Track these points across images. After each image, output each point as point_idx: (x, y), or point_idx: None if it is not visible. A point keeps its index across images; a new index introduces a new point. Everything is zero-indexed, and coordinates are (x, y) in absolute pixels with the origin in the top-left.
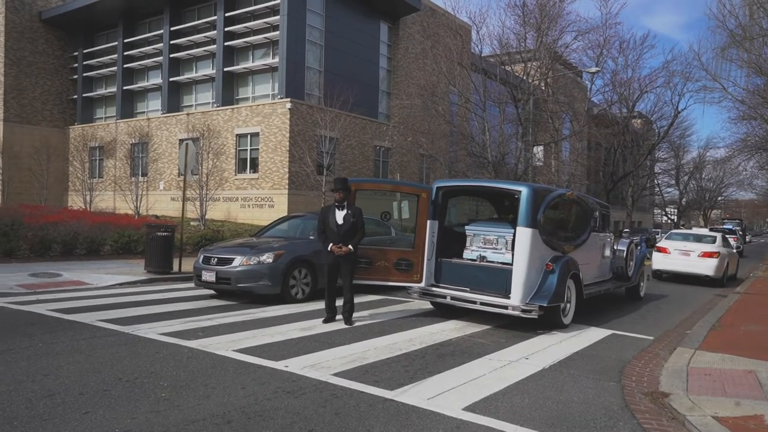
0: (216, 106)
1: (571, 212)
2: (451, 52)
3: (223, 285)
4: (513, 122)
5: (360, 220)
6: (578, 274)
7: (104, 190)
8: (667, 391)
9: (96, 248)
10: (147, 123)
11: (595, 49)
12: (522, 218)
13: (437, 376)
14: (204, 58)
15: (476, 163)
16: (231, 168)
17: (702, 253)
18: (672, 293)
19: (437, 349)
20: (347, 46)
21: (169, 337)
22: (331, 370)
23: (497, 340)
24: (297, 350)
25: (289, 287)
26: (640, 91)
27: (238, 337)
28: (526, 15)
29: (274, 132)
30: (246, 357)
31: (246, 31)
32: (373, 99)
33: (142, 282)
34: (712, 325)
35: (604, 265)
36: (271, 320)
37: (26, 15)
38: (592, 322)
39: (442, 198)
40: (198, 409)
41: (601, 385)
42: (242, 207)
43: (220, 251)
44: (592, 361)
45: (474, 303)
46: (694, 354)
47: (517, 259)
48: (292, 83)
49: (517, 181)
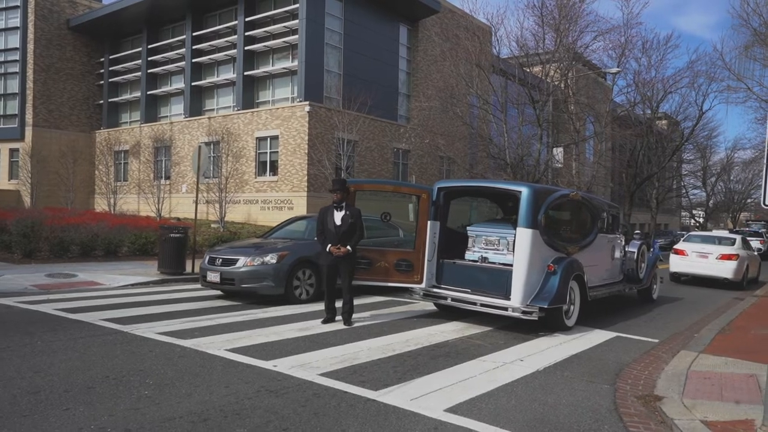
0: (237, 110)
1: (576, 213)
2: (470, 53)
3: (227, 285)
4: (532, 124)
5: (359, 221)
6: (582, 275)
7: (129, 192)
8: (661, 395)
9: (114, 250)
10: (170, 127)
11: (617, 49)
12: (522, 219)
13: (426, 377)
14: (225, 63)
15: (495, 165)
16: (251, 171)
17: (720, 256)
18: (687, 296)
19: (432, 350)
20: (366, 49)
21: (166, 336)
22: (319, 370)
23: (495, 341)
24: (290, 350)
25: (293, 288)
26: (663, 91)
27: (234, 336)
28: (544, 15)
29: (293, 135)
30: (237, 356)
31: (266, 36)
32: (393, 101)
33: (154, 283)
34: (721, 328)
35: (614, 266)
36: (271, 320)
37: (54, 23)
38: (597, 324)
39: (443, 199)
40: (177, 407)
41: (593, 387)
42: (262, 209)
43: (225, 252)
44: (590, 364)
45: (474, 304)
46: (697, 357)
47: (517, 260)
48: (311, 86)
49: (519, 182)
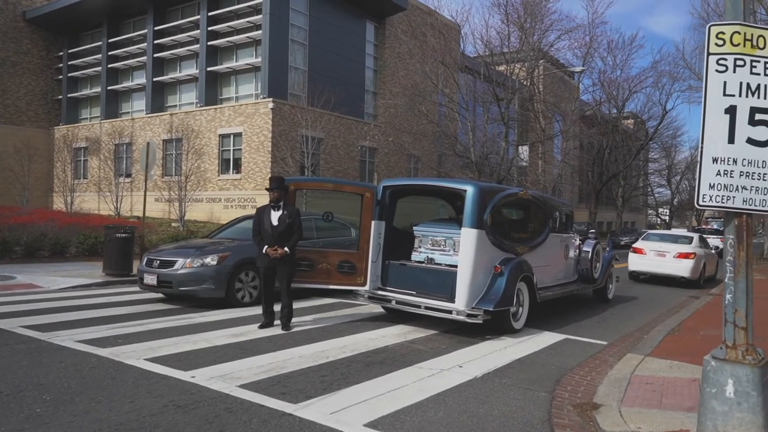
0: (199, 106)
1: (526, 212)
2: (436, 51)
3: (165, 288)
4: (498, 122)
5: (297, 220)
6: (531, 276)
7: (88, 191)
8: (599, 402)
9: (61, 250)
10: (131, 123)
11: (582, 48)
12: (467, 218)
13: (354, 387)
14: (188, 58)
15: (461, 163)
16: (214, 168)
17: (677, 254)
18: (643, 295)
19: (368, 356)
20: (332, 46)
21: (84, 345)
22: (240, 380)
23: (438, 346)
24: (215, 359)
25: (235, 290)
26: (629, 90)
27: (159, 344)
28: (509, 14)
29: (257, 132)
30: (155, 366)
31: (229, 31)
32: (359, 99)
33: (96, 285)
34: (671, 329)
35: (568, 266)
36: (206, 326)
37: (10, 15)
38: (548, 325)
39: (389, 198)
40: (68, 426)
41: (530, 395)
42: (225, 208)
43: (164, 253)
44: (531, 369)
45: (419, 307)
46: (642, 361)
47: (462, 261)
48: (275, 83)
49: (466, 180)
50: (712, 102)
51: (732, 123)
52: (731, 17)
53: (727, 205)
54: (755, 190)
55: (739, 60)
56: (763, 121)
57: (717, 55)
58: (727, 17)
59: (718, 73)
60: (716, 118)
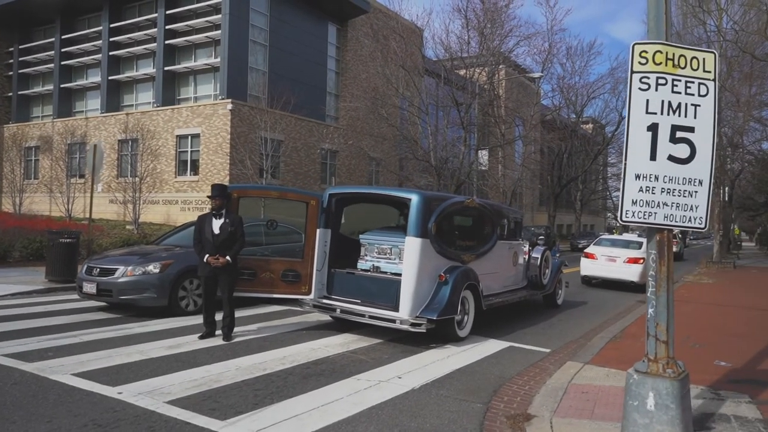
0: (156, 106)
1: (473, 220)
2: (397, 55)
3: (105, 297)
4: (458, 126)
5: (239, 229)
6: (476, 284)
7: (39, 192)
8: (533, 413)
9: (3, 255)
10: (85, 122)
11: (541, 54)
12: (411, 227)
13: (287, 401)
14: (145, 57)
15: (421, 167)
16: (171, 170)
17: (627, 259)
18: (593, 300)
19: (307, 368)
20: (293, 47)
21: (10, 359)
22: (169, 396)
23: (380, 356)
24: (147, 372)
25: (179, 299)
26: (587, 96)
27: (91, 357)
28: (470, 19)
29: (215, 133)
30: (81, 382)
31: (188, 30)
32: (321, 101)
33: (37, 292)
34: (614, 335)
35: (517, 273)
36: (144, 336)
37: None
38: (494, 333)
39: (335, 205)
40: None
41: (465, 407)
42: (182, 210)
43: (105, 261)
44: (471, 379)
45: (363, 316)
46: (582, 369)
47: (406, 270)
48: (234, 84)
49: (412, 189)
50: (635, 119)
51: (654, 140)
52: (654, 36)
53: (648, 221)
54: (676, 206)
55: (661, 78)
56: (684, 138)
57: (640, 73)
58: (650, 36)
59: (641, 91)
60: (639, 136)
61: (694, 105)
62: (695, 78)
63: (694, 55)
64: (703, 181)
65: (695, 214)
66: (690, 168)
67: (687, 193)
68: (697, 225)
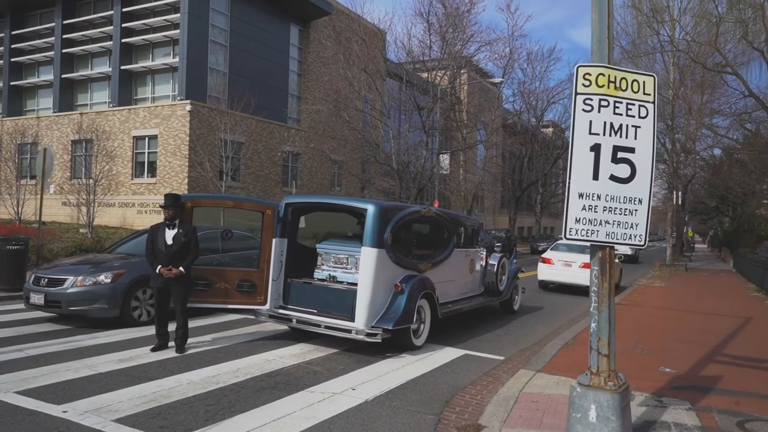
0: (112, 106)
1: (429, 229)
2: (360, 58)
3: (54, 308)
4: (420, 130)
5: (193, 239)
6: (432, 293)
7: None
8: (483, 424)
9: None
10: (36, 122)
11: (503, 59)
12: (367, 237)
13: (238, 416)
14: (100, 55)
15: (383, 171)
16: (127, 172)
17: (583, 264)
18: (548, 305)
19: (261, 381)
20: (255, 48)
21: None
22: (117, 414)
23: (335, 367)
24: (95, 389)
25: (131, 309)
26: (547, 101)
27: (36, 373)
28: (431, 24)
29: (174, 135)
30: (24, 400)
31: (145, 29)
32: (282, 103)
33: None
34: (566, 342)
35: (474, 280)
36: (94, 349)
37: None
38: (450, 341)
39: (292, 215)
40: None
41: (417, 419)
42: (139, 213)
43: (53, 271)
44: (424, 389)
45: (319, 326)
46: (533, 377)
47: (361, 280)
48: (193, 84)
49: (368, 199)
50: (579, 139)
51: (596, 160)
52: (597, 59)
53: (591, 238)
54: (617, 224)
55: (603, 100)
56: (625, 159)
57: (584, 95)
58: (593, 59)
59: (584, 112)
60: (582, 155)
61: (634, 126)
62: (636, 100)
63: (635, 78)
64: (642, 199)
65: (635, 231)
66: (630, 187)
67: (627, 212)
68: (637, 242)
